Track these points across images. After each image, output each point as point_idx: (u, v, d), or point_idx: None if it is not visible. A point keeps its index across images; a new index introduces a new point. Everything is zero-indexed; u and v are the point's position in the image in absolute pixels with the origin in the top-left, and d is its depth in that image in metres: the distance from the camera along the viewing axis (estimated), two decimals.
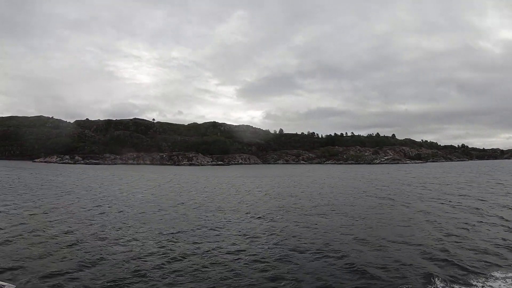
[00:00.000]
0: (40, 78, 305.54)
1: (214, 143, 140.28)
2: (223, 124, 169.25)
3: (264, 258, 9.66)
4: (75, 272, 8.37)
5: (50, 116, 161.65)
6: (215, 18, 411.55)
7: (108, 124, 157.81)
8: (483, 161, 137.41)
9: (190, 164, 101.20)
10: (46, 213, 16.47)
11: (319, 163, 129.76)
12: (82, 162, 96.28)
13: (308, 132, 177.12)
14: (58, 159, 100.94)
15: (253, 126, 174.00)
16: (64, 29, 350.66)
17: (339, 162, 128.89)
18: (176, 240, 11.55)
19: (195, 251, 10.32)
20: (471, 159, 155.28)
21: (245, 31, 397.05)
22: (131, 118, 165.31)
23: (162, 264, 9.14)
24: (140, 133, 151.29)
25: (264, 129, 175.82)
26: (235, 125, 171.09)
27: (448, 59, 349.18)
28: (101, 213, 16.68)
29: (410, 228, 13.50)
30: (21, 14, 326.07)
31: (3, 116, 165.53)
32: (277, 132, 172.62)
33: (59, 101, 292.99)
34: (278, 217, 16.05)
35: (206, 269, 8.81)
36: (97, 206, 19.06)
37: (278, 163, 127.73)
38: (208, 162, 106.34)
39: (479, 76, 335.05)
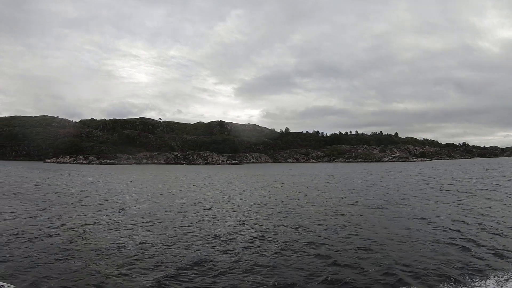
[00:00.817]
0: (38, 77, 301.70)
1: (223, 142, 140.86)
2: (229, 123, 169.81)
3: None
4: None
5: (55, 116, 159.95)
6: (214, 17, 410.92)
7: (115, 123, 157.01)
8: (487, 159, 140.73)
9: (206, 163, 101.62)
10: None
11: (328, 161, 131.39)
12: (96, 162, 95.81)
13: (313, 131, 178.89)
14: (71, 159, 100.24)
15: (259, 125, 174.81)
16: (63, 27, 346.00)
17: (348, 160, 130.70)
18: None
19: None
20: (473, 157, 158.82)
21: (244, 30, 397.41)
22: (137, 117, 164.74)
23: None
24: (147, 132, 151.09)
25: (269, 128, 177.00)
26: (241, 124, 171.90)
27: (447, 58, 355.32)
28: (241, 222, 14.21)
29: None
30: (19, 12, 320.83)
31: (6, 116, 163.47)
32: (283, 131, 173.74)
33: (57, 100, 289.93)
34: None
35: None
36: (208, 209, 17.51)
37: (288, 162, 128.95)
38: (223, 161, 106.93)
39: (477, 75, 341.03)
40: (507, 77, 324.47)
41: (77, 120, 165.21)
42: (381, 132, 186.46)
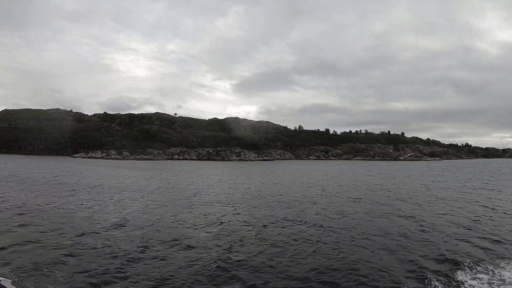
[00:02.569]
0: (35, 70, 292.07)
1: (243, 139, 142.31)
2: (245, 120, 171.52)
3: None
4: None
5: (69, 109, 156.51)
6: (215, 12, 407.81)
7: (131, 118, 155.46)
8: (493, 160, 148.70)
9: (240, 160, 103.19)
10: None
11: (347, 159, 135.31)
12: (131, 158, 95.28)
13: (325, 129, 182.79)
14: (103, 154, 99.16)
15: (273, 122, 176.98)
16: (61, 20, 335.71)
17: (367, 159, 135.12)
18: None
19: None
20: (478, 158, 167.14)
21: (244, 26, 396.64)
22: (154, 112, 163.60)
23: None
24: (165, 128, 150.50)
25: (282, 125, 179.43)
26: (256, 121, 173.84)
27: (445, 58, 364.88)
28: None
29: None
30: (17, 4, 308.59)
31: (17, 108, 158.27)
32: (297, 128, 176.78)
33: (54, 93, 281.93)
34: None
35: None
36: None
37: (310, 159, 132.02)
38: (255, 157, 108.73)
39: (475, 76, 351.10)
40: (505, 78, 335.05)
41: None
42: (388, 131, 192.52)
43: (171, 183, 30.46)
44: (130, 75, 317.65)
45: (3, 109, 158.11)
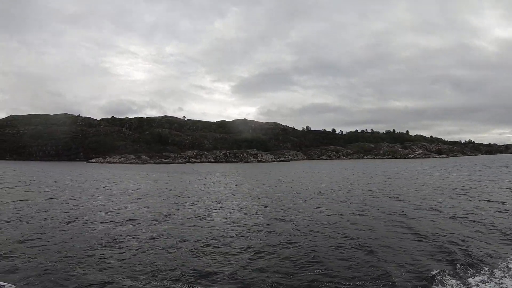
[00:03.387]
0: (34, 74, 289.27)
1: (254, 140, 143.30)
2: (253, 122, 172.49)
3: None
4: None
5: (77, 114, 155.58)
6: (213, 13, 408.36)
7: (140, 122, 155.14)
8: (498, 156, 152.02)
9: (258, 161, 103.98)
10: None
11: (358, 158, 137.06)
12: (151, 162, 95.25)
13: (332, 129, 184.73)
14: (122, 158, 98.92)
15: (280, 123, 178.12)
16: (60, 23, 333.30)
17: (377, 157, 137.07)
18: None
19: None
20: (482, 154, 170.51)
21: (243, 27, 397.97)
22: (162, 115, 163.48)
23: None
24: (175, 131, 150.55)
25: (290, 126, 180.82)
26: (264, 122, 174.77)
27: (444, 57, 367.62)
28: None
29: None
30: (16, 7, 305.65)
31: (22, 114, 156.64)
32: (305, 129, 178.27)
33: (54, 97, 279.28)
34: None
35: None
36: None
37: (322, 159, 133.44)
38: (272, 159, 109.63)
39: (474, 73, 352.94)
40: (503, 76, 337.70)
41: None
42: (393, 130, 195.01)
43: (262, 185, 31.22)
44: (129, 78, 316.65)
45: (9, 114, 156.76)
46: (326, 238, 11.32)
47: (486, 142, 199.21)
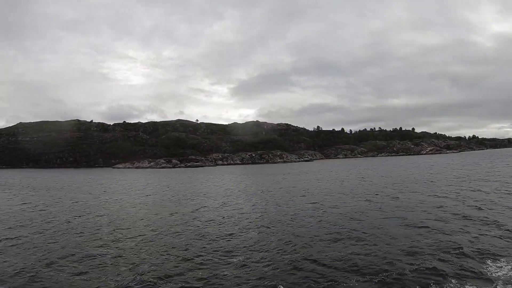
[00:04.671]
0: (33, 81, 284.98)
1: (270, 142, 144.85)
2: (265, 123, 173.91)
3: None
4: None
5: (90, 120, 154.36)
6: (211, 16, 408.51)
7: (155, 126, 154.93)
8: (504, 150, 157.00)
9: (284, 162, 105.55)
10: None
11: (373, 156, 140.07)
12: (182, 166, 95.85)
13: (341, 128, 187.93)
14: (152, 163, 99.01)
15: (292, 124, 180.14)
16: (58, 29, 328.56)
17: (392, 154, 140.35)
18: None
19: None
20: (487, 148, 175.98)
21: (240, 29, 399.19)
22: (176, 119, 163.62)
23: None
24: (190, 134, 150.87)
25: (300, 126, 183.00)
26: (276, 124, 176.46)
27: (442, 53, 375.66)
28: None
29: None
30: (13, 14, 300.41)
31: (32, 121, 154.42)
32: (315, 129, 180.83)
33: (54, 104, 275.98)
34: None
35: None
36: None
37: (338, 158, 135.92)
38: (296, 159, 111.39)
39: (471, 69, 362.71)
40: (500, 71, 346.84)
41: None
42: (400, 127, 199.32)
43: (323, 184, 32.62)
44: (128, 83, 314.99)
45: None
46: None
47: (486, 137, 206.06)
